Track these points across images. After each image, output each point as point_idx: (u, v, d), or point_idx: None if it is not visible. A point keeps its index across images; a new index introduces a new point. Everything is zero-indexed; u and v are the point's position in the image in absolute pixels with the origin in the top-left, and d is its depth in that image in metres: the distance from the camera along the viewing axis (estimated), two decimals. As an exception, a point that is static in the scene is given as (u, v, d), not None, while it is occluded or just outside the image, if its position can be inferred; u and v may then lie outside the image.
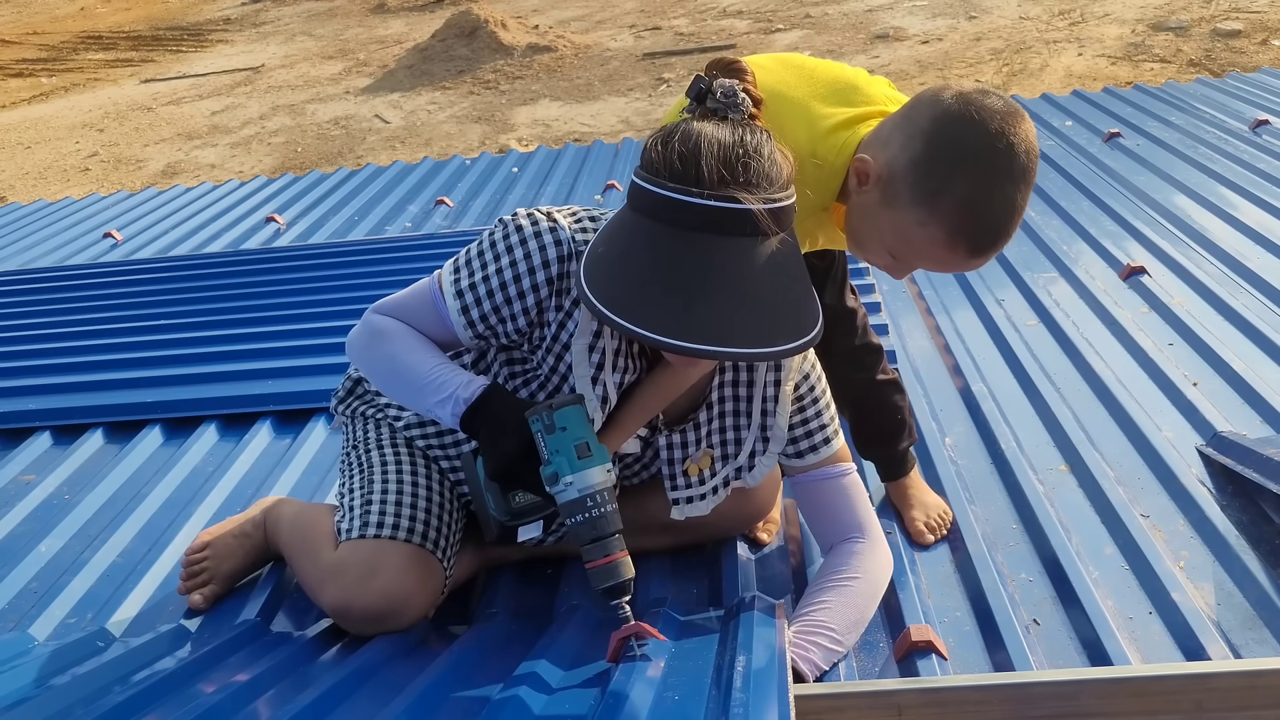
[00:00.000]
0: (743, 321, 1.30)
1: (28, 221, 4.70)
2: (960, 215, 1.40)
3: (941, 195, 1.40)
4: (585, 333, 1.56)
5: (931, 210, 1.41)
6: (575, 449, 1.41)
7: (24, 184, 8.36)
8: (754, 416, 1.69)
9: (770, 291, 1.32)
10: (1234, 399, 2.19)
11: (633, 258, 1.34)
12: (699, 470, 1.72)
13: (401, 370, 1.57)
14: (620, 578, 1.41)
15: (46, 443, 2.59)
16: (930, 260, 1.49)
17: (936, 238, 1.43)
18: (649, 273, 1.32)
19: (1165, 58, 7.56)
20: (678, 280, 1.30)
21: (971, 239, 1.42)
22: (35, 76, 12.09)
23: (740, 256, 1.30)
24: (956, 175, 1.39)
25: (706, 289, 1.29)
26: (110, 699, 1.45)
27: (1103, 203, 3.34)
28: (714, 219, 1.29)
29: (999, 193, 1.39)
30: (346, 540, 1.71)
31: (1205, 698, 1.35)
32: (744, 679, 1.24)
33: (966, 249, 1.43)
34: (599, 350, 1.56)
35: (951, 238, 1.42)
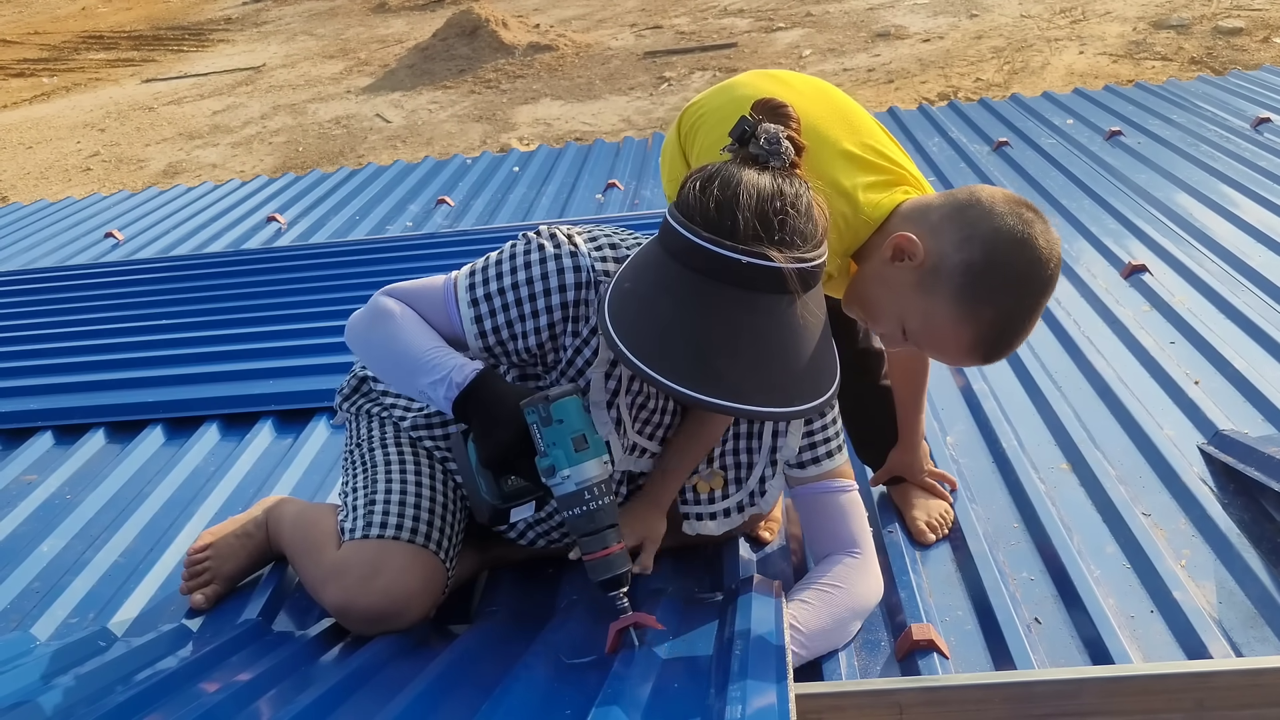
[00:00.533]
0: (760, 381, 1.30)
1: (29, 221, 4.70)
2: (995, 326, 1.45)
3: (985, 305, 1.44)
4: (603, 362, 1.57)
5: (970, 314, 1.45)
6: (572, 441, 1.41)
7: (25, 184, 8.36)
8: (764, 440, 1.71)
9: (792, 353, 1.32)
10: (1235, 397, 2.19)
11: (657, 302, 1.33)
12: (709, 489, 1.73)
13: (398, 350, 1.56)
14: (617, 570, 1.41)
15: (48, 443, 2.59)
16: (941, 351, 1.53)
17: (962, 338, 1.47)
18: (672, 319, 1.32)
19: (1167, 55, 7.55)
20: (701, 332, 1.30)
21: (993, 348, 1.49)
22: (37, 76, 12.09)
23: (766, 316, 1.30)
24: (1005, 293, 1.44)
25: (730, 345, 1.30)
26: (112, 699, 1.45)
27: (1104, 201, 3.33)
28: (744, 275, 1.29)
29: (1033, 315, 1.47)
30: (349, 540, 1.71)
31: (1207, 696, 1.35)
32: (742, 667, 1.24)
33: (983, 355, 1.49)
34: (615, 378, 1.58)
35: (976, 343, 1.47)
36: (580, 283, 1.53)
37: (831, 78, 8.08)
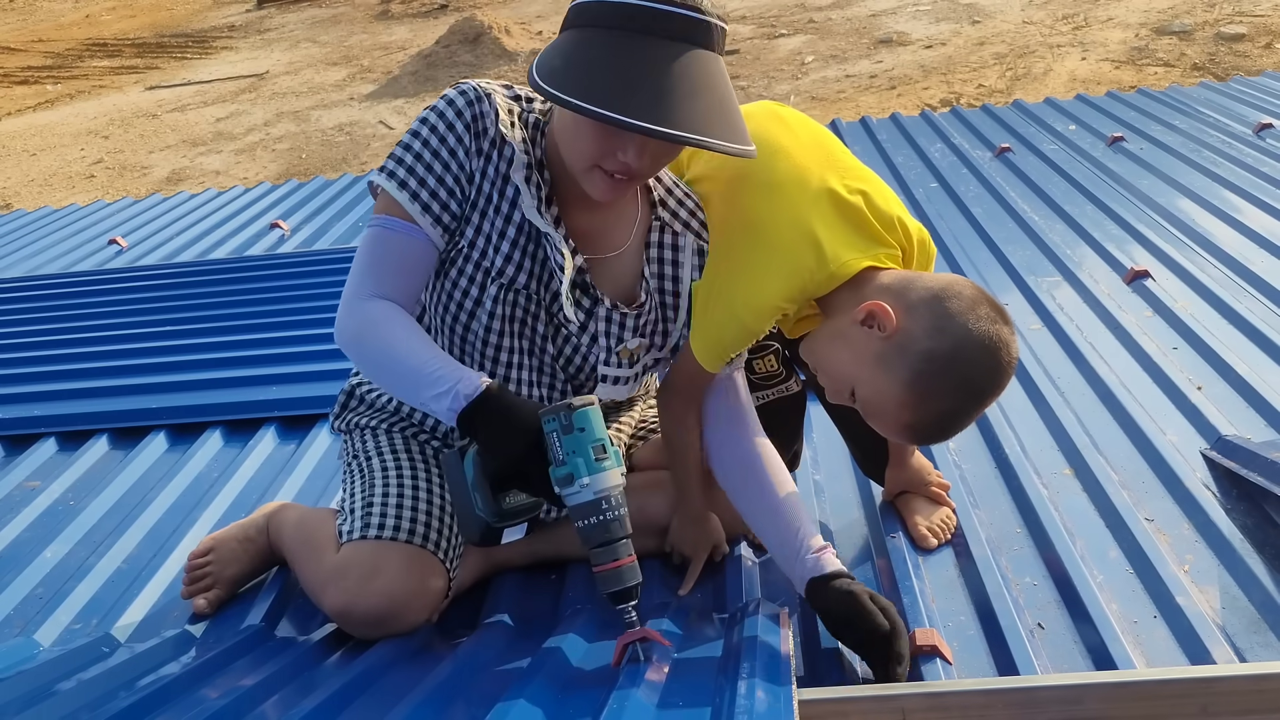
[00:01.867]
0: (690, 111, 1.37)
1: (33, 228, 4.71)
2: (936, 419, 1.50)
3: (935, 399, 1.48)
4: (520, 166, 1.58)
5: (918, 402, 1.48)
6: (593, 450, 1.40)
7: (29, 191, 8.38)
8: (680, 312, 1.72)
9: (717, 94, 1.41)
10: (1238, 403, 2.19)
11: (583, 57, 1.40)
12: (630, 354, 1.73)
13: (396, 362, 1.54)
14: (628, 582, 1.41)
15: (51, 449, 2.60)
16: (878, 422, 1.55)
17: (903, 419, 1.50)
18: (600, 65, 1.38)
19: (1169, 61, 7.56)
20: (629, 70, 1.37)
21: (925, 436, 1.54)
22: (41, 84, 12.12)
23: (691, 61, 1.39)
24: (958, 394, 1.48)
25: (658, 78, 1.37)
26: (115, 704, 1.45)
27: (1106, 207, 3.34)
28: (674, 25, 1.38)
29: (972, 418, 1.52)
30: (347, 542, 1.71)
31: (1210, 702, 1.35)
32: (749, 685, 1.24)
33: (914, 437, 1.55)
34: (534, 183, 1.59)
35: (913, 427, 1.51)
36: (470, 100, 1.57)
37: (834, 84, 8.09)
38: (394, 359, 1.54)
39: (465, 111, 1.57)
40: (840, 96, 7.80)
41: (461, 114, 1.56)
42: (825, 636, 1.63)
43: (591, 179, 1.50)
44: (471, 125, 1.57)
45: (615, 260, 1.68)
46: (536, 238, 1.63)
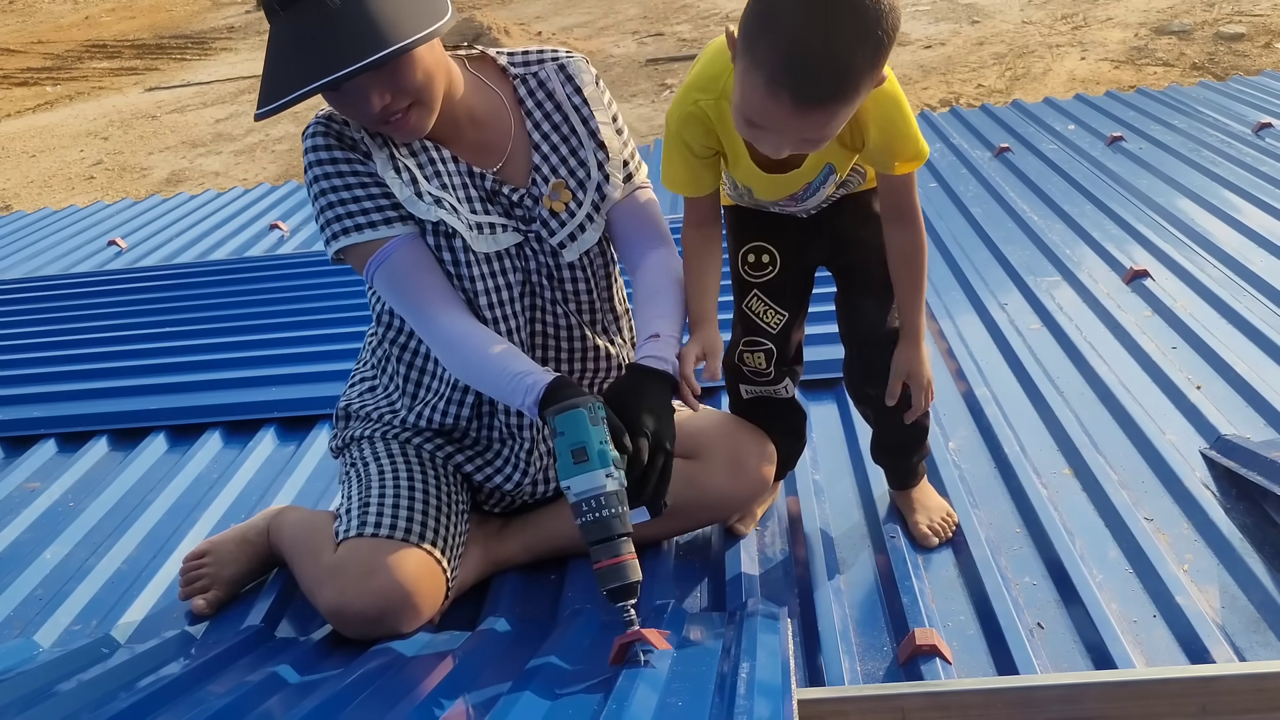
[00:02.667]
0: (369, 33, 1.47)
1: (33, 230, 4.72)
2: (774, 59, 1.32)
3: (761, 39, 1.33)
4: (385, 165, 1.68)
5: (754, 57, 1.34)
6: (571, 454, 1.44)
7: (29, 192, 8.38)
8: (578, 127, 1.78)
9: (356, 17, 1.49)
10: (1237, 402, 2.19)
11: (271, 56, 1.54)
12: (564, 205, 1.77)
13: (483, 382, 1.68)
14: (627, 579, 1.42)
15: (51, 450, 2.60)
16: (767, 115, 1.38)
17: (759, 84, 1.34)
18: (279, 55, 1.52)
19: (1168, 61, 7.56)
20: (298, 41, 1.49)
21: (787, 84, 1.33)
22: (40, 85, 12.13)
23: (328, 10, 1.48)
24: (776, 18, 1.32)
25: (321, 31, 1.48)
26: (115, 705, 1.45)
27: (1106, 206, 3.34)
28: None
29: (813, 35, 1.29)
30: (344, 540, 1.71)
31: (1210, 701, 1.35)
32: (748, 685, 1.24)
33: (789, 97, 1.33)
34: (405, 170, 1.69)
35: (770, 84, 1.34)
36: (323, 131, 1.67)
37: (833, 84, 8.09)
38: (476, 376, 1.68)
39: (332, 142, 1.67)
40: (839, 97, 7.79)
41: (331, 146, 1.67)
42: (825, 636, 1.63)
43: (387, 133, 1.65)
44: (341, 146, 1.67)
45: (512, 152, 1.77)
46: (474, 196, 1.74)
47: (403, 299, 1.70)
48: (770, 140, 1.42)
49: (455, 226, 1.69)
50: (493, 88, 1.77)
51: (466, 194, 1.74)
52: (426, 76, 1.59)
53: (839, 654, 1.59)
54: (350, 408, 1.95)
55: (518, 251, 1.77)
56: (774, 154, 1.46)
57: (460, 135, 1.74)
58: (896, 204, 1.66)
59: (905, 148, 1.56)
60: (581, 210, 1.78)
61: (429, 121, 1.64)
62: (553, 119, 1.78)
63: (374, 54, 1.47)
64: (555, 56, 1.80)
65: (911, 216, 1.66)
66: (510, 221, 1.76)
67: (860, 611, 1.72)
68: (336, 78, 1.47)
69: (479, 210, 1.74)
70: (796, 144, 1.43)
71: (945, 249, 3.18)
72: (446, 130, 1.72)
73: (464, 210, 1.72)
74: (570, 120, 1.78)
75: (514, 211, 1.76)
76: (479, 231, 1.73)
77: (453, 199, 1.72)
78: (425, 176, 1.71)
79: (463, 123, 1.73)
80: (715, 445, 1.83)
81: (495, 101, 1.77)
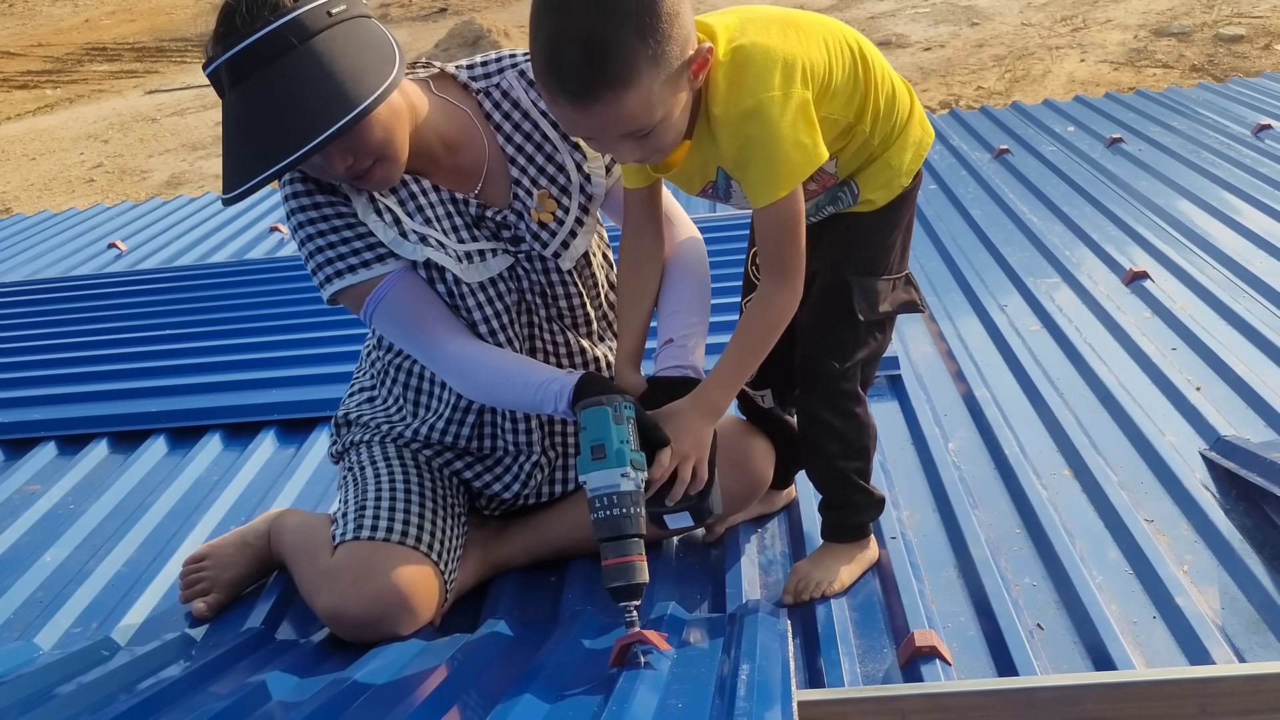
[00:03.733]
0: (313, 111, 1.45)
1: (33, 232, 4.72)
2: (539, 64, 1.35)
3: (533, 51, 1.36)
4: (366, 209, 1.66)
5: (533, 69, 1.37)
6: (590, 449, 1.44)
7: (29, 195, 8.38)
8: (549, 132, 1.74)
9: (328, 74, 1.47)
10: (1237, 403, 2.19)
11: (225, 136, 1.53)
12: (550, 216, 1.74)
13: (506, 400, 1.70)
14: (632, 580, 1.42)
15: (51, 453, 2.60)
16: (563, 121, 1.41)
17: (543, 93, 1.38)
18: (230, 138, 1.52)
19: (1168, 63, 7.56)
20: (253, 122, 1.48)
21: (553, 84, 1.34)
22: (40, 88, 12.13)
23: (288, 70, 1.46)
24: (535, 26, 1.34)
25: (271, 109, 1.47)
26: (115, 707, 1.45)
27: (1105, 208, 3.34)
28: (248, 65, 1.47)
29: (560, 26, 1.31)
30: (341, 543, 1.71)
31: (1209, 702, 1.35)
32: (748, 687, 1.24)
33: (560, 95, 1.34)
34: (387, 210, 1.67)
35: (544, 89, 1.36)
36: (300, 177, 1.65)
37: (833, 86, 8.10)
38: (499, 395, 1.70)
39: (311, 186, 1.65)
40: (839, 99, 7.80)
41: (311, 191, 1.66)
42: (825, 638, 1.63)
43: (358, 186, 1.64)
44: (321, 190, 1.66)
45: (489, 171, 1.74)
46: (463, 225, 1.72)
47: (406, 333, 1.71)
48: (604, 148, 1.44)
49: (444, 263, 1.68)
50: (459, 106, 1.73)
51: (452, 223, 1.71)
52: (386, 132, 1.56)
53: (839, 655, 1.59)
54: (349, 416, 1.96)
55: (510, 274, 1.75)
56: (620, 160, 1.46)
57: (437, 163, 1.72)
58: (766, 250, 1.51)
59: (755, 173, 1.43)
60: (570, 216, 1.76)
61: (397, 172, 1.63)
62: (523, 129, 1.74)
63: (328, 128, 1.44)
64: (514, 61, 1.76)
65: (781, 272, 1.50)
66: (499, 244, 1.74)
67: (860, 613, 1.71)
68: (292, 160, 1.45)
69: (466, 238, 1.72)
70: (629, 144, 1.38)
71: (945, 250, 3.18)
72: (422, 161, 1.69)
73: (451, 241, 1.70)
74: (540, 127, 1.74)
75: (501, 234, 1.74)
76: (469, 261, 1.71)
77: (438, 233, 1.70)
78: (408, 213, 1.68)
79: (437, 151, 1.70)
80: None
81: (464, 121, 1.73)
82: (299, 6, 1.47)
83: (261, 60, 1.46)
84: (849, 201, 1.62)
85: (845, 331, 1.63)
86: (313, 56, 1.47)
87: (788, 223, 1.47)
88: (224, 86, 1.50)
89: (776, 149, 1.40)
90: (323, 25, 1.49)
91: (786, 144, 1.40)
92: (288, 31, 1.46)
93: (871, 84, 1.53)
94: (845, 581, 1.74)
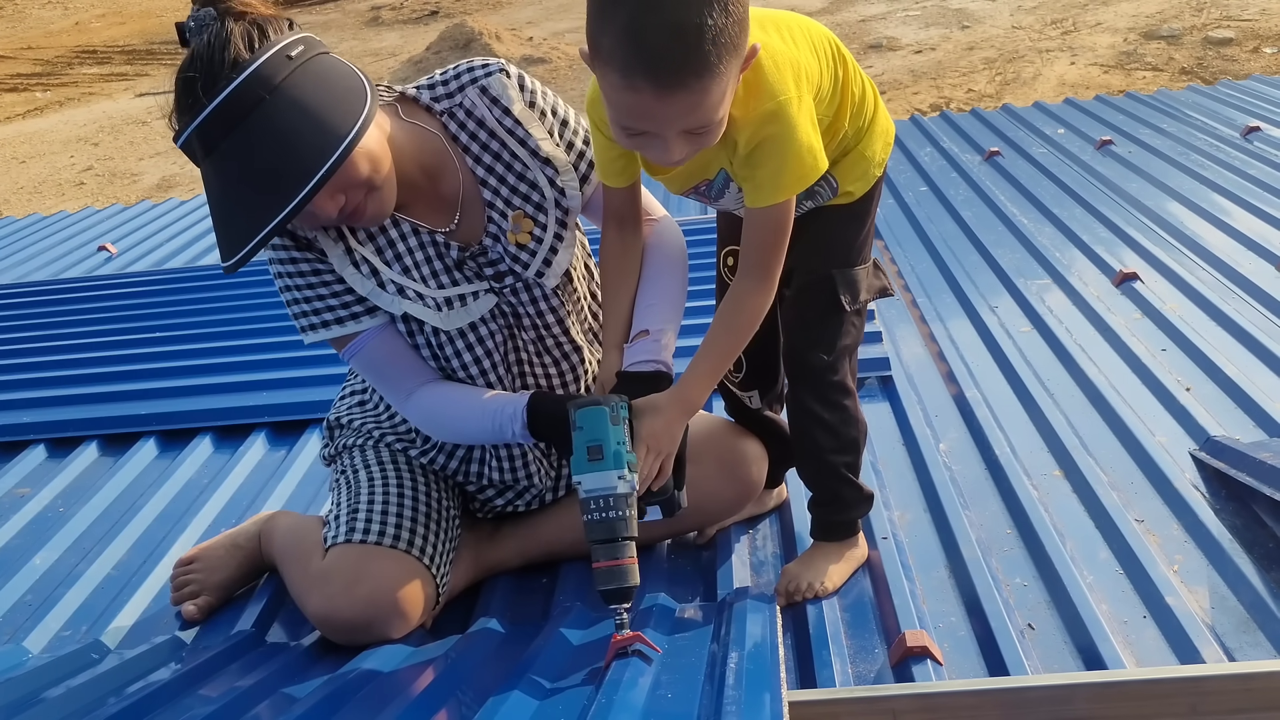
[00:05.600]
0: (292, 164, 1.44)
1: (22, 235, 4.70)
2: (620, 49, 1.26)
3: (604, 35, 1.27)
4: (343, 261, 1.65)
5: (603, 56, 1.28)
6: (587, 450, 1.43)
7: (18, 198, 8.36)
8: (518, 150, 1.69)
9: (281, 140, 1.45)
10: (1227, 404, 2.19)
11: (210, 203, 1.52)
12: (528, 236, 1.71)
13: (466, 435, 1.74)
14: (623, 583, 1.41)
15: (41, 455, 2.59)
16: (636, 113, 1.31)
17: (616, 81, 1.28)
18: (217, 205, 1.51)
19: (1158, 66, 7.59)
20: (241, 190, 1.47)
21: (640, 69, 1.26)
22: (30, 91, 12.10)
23: (261, 126, 1.44)
24: (612, 9, 1.26)
25: (251, 174, 1.45)
26: (105, 710, 1.45)
27: (1095, 210, 3.35)
28: (216, 131, 1.45)
29: (650, 11, 1.24)
30: (332, 546, 1.71)
31: (1199, 701, 1.35)
32: (737, 676, 1.24)
33: (646, 82, 1.26)
34: (364, 262, 1.66)
35: (624, 76, 1.27)
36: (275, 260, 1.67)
37: (824, 89, 8.11)
38: (464, 434, 1.74)
39: (287, 242, 1.65)
40: (830, 101, 7.81)
41: (287, 247, 1.65)
42: (816, 639, 1.63)
43: (352, 225, 1.63)
44: (298, 246, 1.65)
45: (465, 196, 1.70)
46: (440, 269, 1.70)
47: (379, 383, 1.77)
48: (655, 145, 1.34)
49: (422, 316, 1.67)
50: (428, 129, 1.67)
51: (431, 269, 1.68)
52: (372, 163, 1.53)
53: (830, 656, 1.59)
54: (341, 419, 1.95)
55: (495, 313, 1.73)
56: (665, 160, 1.36)
57: (419, 192, 1.67)
58: (752, 248, 1.51)
59: (766, 173, 1.43)
60: (548, 233, 1.72)
61: (390, 202, 1.60)
62: (490, 148, 1.68)
63: (316, 172, 1.43)
64: (473, 78, 1.69)
65: (763, 272, 1.50)
66: (482, 284, 1.71)
67: (851, 613, 1.72)
68: (287, 213, 1.43)
69: (447, 282, 1.69)
70: (682, 141, 1.33)
71: (936, 252, 3.19)
72: (406, 192, 1.64)
73: (431, 289, 1.68)
74: (508, 145, 1.68)
75: (484, 272, 1.71)
76: (449, 308, 1.69)
77: (416, 282, 1.67)
78: (385, 262, 1.66)
79: (418, 179, 1.65)
80: (706, 447, 1.82)
81: (436, 144, 1.67)
82: (257, 58, 1.44)
83: (231, 121, 1.44)
84: (828, 195, 1.62)
85: (832, 323, 1.65)
86: (283, 106, 1.44)
87: (781, 224, 1.48)
88: (199, 155, 1.48)
89: (792, 152, 1.40)
90: (286, 72, 1.46)
91: (802, 148, 1.41)
92: (253, 86, 1.43)
93: (848, 82, 1.54)
94: (836, 581, 1.75)
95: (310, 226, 1.62)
